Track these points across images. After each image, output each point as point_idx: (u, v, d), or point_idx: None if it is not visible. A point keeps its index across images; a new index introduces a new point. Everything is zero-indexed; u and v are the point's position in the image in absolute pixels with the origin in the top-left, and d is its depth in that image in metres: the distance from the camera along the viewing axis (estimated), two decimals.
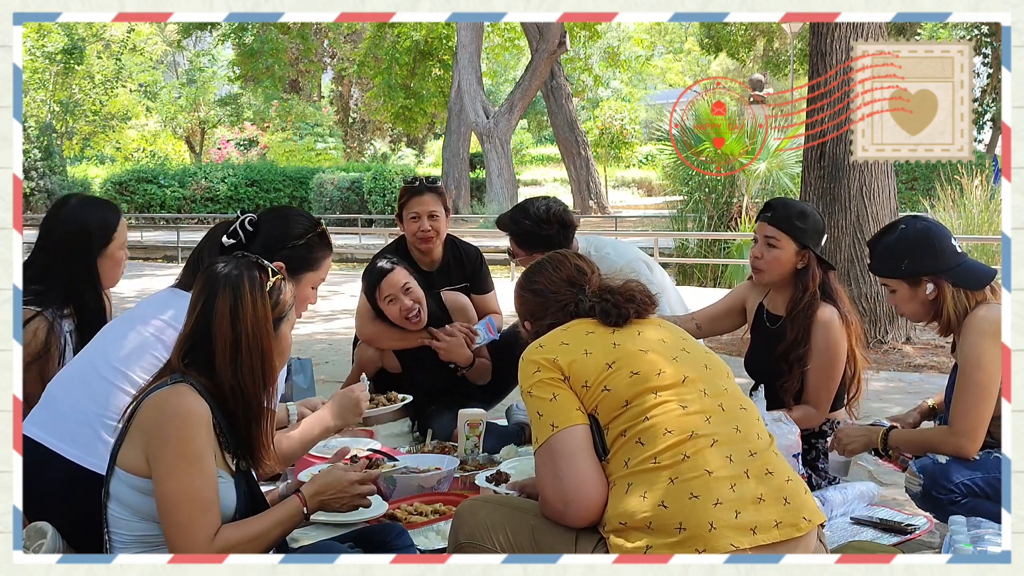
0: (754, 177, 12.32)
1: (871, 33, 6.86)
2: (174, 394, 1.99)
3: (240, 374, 2.03)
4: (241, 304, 2.03)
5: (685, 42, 41.43)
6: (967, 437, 2.72)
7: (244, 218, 2.69)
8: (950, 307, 2.80)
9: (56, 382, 2.53)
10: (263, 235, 2.69)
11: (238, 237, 2.66)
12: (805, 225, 3.26)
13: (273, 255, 2.62)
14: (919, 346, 7.03)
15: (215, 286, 2.05)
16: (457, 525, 2.21)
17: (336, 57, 36.81)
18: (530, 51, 23.12)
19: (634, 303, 2.20)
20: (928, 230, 2.85)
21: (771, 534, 1.93)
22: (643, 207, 28.39)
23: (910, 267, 2.83)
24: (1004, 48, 2.29)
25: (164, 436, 1.94)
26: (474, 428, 3.52)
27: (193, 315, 2.06)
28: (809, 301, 3.23)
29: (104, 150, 36.38)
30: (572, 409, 2.07)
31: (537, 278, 2.37)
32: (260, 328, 2.05)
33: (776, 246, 3.27)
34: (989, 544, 2.33)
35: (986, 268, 2.85)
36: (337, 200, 26.32)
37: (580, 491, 2.02)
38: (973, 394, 2.71)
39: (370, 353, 4.09)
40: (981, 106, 25.07)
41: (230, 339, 2.02)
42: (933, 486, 2.72)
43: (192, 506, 1.92)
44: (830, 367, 3.20)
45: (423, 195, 4.24)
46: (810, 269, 3.26)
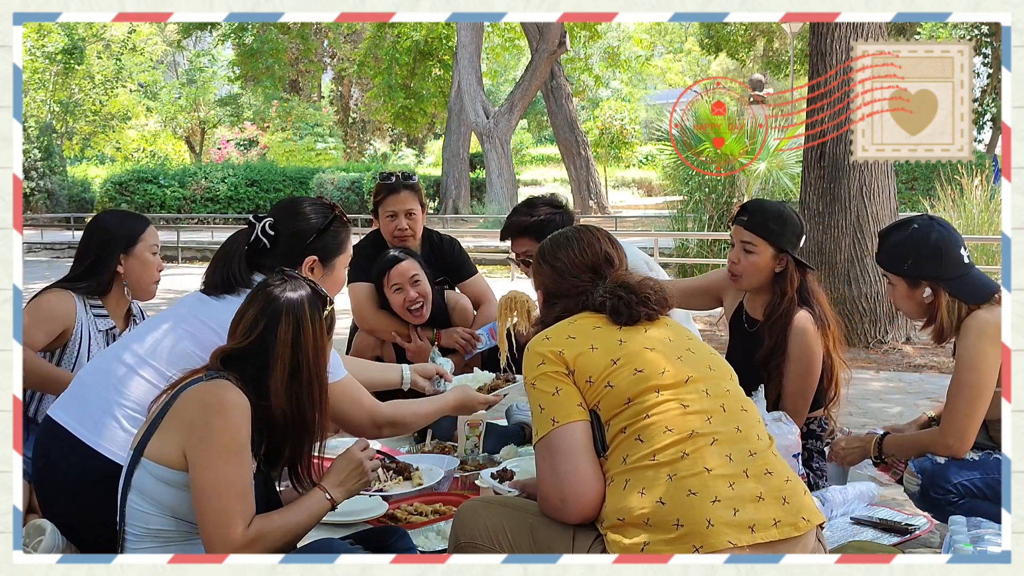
0: (754, 177, 12.30)
1: (871, 33, 6.86)
2: (216, 387, 2.04)
3: (299, 400, 2.10)
4: (303, 333, 2.10)
5: (685, 42, 41.41)
6: (955, 438, 2.73)
7: (263, 224, 2.63)
8: (944, 315, 2.80)
9: (85, 370, 2.55)
10: (287, 236, 2.64)
11: (262, 244, 2.62)
12: (782, 229, 3.21)
13: (304, 252, 2.63)
14: (919, 346, 7.03)
15: (277, 311, 2.11)
16: (457, 526, 2.22)
17: (336, 57, 36.80)
18: (530, 51, 23.13)
19: (647, 306, 2.17)
20: (938, 238, 2.82)
21: (769, 532, 1.93)
22: (643, 207, 28.40)
23: (911, 268, 2.83)
24: (1004, 48, 2.30)
25: (208, 428, 1.99)
26: (474, 428, 3.53)
27: (249, 336, 2.11)
28: (787, 306, 3.19)
29: (104, 150, 36.36)
30: (574, 405, 2.07)
31: (560, 254, 2.30)
32: (320, 357, 2.13)
33: (752, 251, 3.22)
34: (989, 544, 2.33)
35: (989, 283, 2.83)
36: (337, 200, 26.32)
37: (576, 489, 2.02)
38: (965, 396, 2.71)
39: (370, 342, 4.08)
40: (981, 106, 25.06)
41: (289, 367, 2.09)
42: (931, 486, 2.72)
43: (231, 496, 1.97)
44: (806, 374, 3.16)
45: (400, 192, 4.16)
46: (788, 273, 3.21)
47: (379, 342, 4.09)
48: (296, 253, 2.63)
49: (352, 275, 4.09)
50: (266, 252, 2.61)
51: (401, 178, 4.21)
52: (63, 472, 2.37)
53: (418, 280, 3.91)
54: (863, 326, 7.13)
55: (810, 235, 7.40)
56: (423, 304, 3.91)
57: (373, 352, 4.10)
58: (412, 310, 3.91)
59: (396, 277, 3.89)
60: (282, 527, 2.06)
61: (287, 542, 2.08)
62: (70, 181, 29.77)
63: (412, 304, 3.89)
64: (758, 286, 3.27)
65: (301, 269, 2.62)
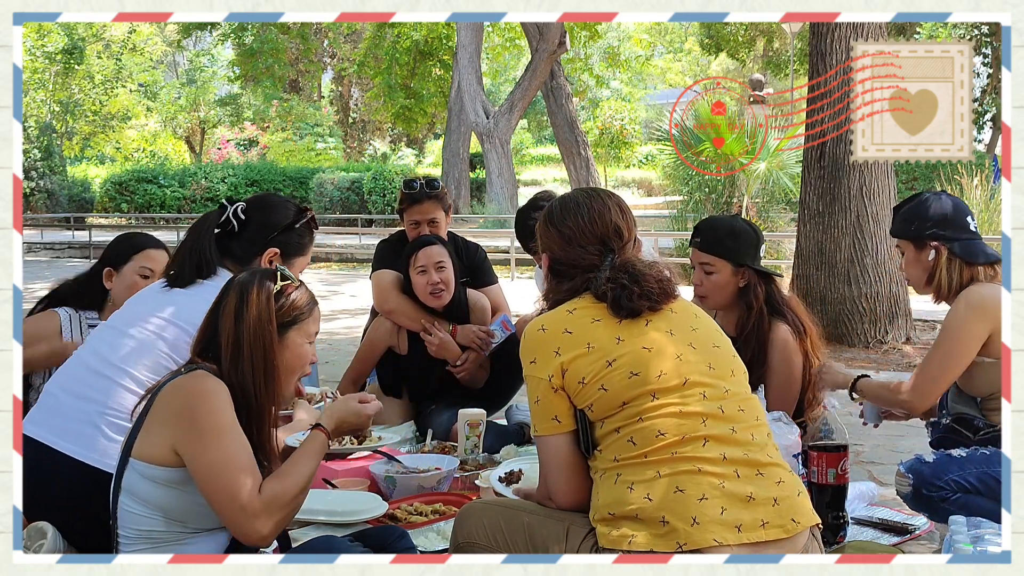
0: (754, 177, 12.31)
1: (871, 33, 6.87)
2: (193, 378, 2.05)
3: (241, 372, 2.08)
4: (246, 305, 2.10)
5: (685, 42, 41.40)
6: (917, 394, 2.82)
7: (236, 207, 2.70)
8: (943, 272, 2.86)
9: (54, 382, 2.53)
10: (257, 223, 2.70)
11: (231, 226, 2.67)
12: (735, 244, 3.19)
13: (269, 241, 2.66)
14: (919, 346, 7.03)
15: (228, 288, 2.14)
16: (457, 527, 2.24)
17: (336, 57, 36.78)
18: (530, 51, 23.10)
19: (649, 300, 2.11)
20: (945, 202, 2.92)
21: (756, 533, 1.92)
22: (643, 207, 28.33)
23: (918, 228, 2.90)
24: (1004, 48, 2.30)
25: (192, 415, 1.99)
26: (474, 428, 3.53)
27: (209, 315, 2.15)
28: (757, 318, 3.19)
29: (104, 150, 36.35)
30: (556, 415, 2.10)
31: (569, 220, 2.21)
32: (262, 328, 2.10)
33: (712, 271, 3.21)
34: (989, 544, 2.33)
35: (991, 251, 2.90)
36: (337, 200, 26.31)
37: (557, 496, 2.14)
38: (937, 358, 2.79)
39: (387, 325, 4.08)
40: (981, 106, 25.04)
41: (232, 338, 2.08)
42: (923, 484, 2.74)
43: (232, 471, 1.97)
44: (787, 386, 3.17)
45: (422, 203, 4.19)
46: (752, 286, 3.20)
47: (394, 330, 4.07)
48: (261, 240, 2.67)
49: (377, 264, 4.20)
50: (233, 235, 2.65)
51: (425, 186, 4.20)
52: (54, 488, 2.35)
53: (443, 266, 3.93)
54: (863, 326, 7.13)
55: (810, 235, 7.40)
56: (445, 290, 3.93)
57: (387, 341, 4.08)
58: (433, 292, 3.92)
59: (423, 259, 3.92)
60: (293, 478, 2.07)
61: (302, 490, 2.09)
62: (70, 181, 29.76)
63: (434, 287, 3.90)
64: (725, 304, 3.26)
65: (261, 260, 2.66)
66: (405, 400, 4.15)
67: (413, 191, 4.22)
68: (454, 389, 4.07)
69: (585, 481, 2.10)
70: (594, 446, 2.08)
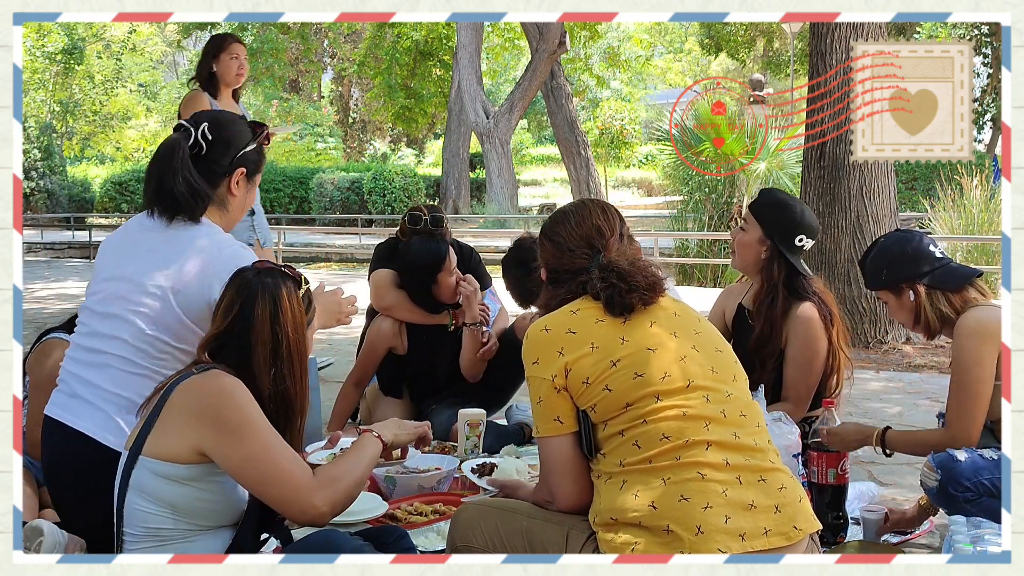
0: (754, 177, 12.31)
1: (871, 33, 6.86)
2: (209, 377, 2.05)
3: (280, 376, 2.11)
4: (280, 310, 2.12)
5: (685, 42, 41.39)
6: (963, 439, 2.74)
7: (202, 127, 2.58)
8: (926, 308, 2.84)
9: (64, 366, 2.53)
10: (221, 142, 2.61)
11: (200, 147, 2.57)
12: (776, 216, 3.30)
13: (235, 162, 2.61)
14: (919, 346, 7.03)
15: (252, 293, 2.13)
16: (453, 530, 2.24)
17: (336, 57, 36.77)
18: (530, 51, 23.10)
19: (637, 292, 2.14)
20: (901, 238, 2.92)
21: (759, 542, 1.93)
22: (643, 207, 28.35)
23: (889, 276, 2.90)
24: (1004, 48, 2.30)
25: (218, 414, 2.00)
26: (474, 428, 3.53)
27: (227, 319, 2.13)
28: (773, 294, 3.25)
29: (104, 150, 36.34)
30: (559, 416, 2.10)
31: (559, 228, 2.32)
32: (299, 332, 2.15)
33: (745, 229, 3.35)
34: (989, 544, 2.33)
35: (965, 269, 2.90)
36: (337, 200, 26.30)
37: (560, 499, 2.14)
38: (962, 397, 2.74)
39: (386, 326, 4.07)
40: (981, 106, 25.03)
41: (270, 344, 2.10)
42: (950, 482, 2.69)
43: (276, 457, 2.00)
44: (809, 363, 3.21)
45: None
46: (773, 261, 3.29)
47: (394, 331, 4.07)
48: (228, 162, 2.60)
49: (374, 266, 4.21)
50: (199, 158, 2.57)
51: (429, 222, 4.09)
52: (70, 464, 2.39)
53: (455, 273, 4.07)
54: (863, 326, 7.13)
55: None
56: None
57: (387, 342, 4.09)
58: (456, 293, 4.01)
59: (451, 262, 4.00)
60: (346, 468, 2.11)
61: (358, 484, 2.11)
62: (70, 181, 29.74)
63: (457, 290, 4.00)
64: (746, 266, 3.37)
65: (230, 181, 2.61)
66: (405, 400, 4.15)
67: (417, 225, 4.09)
68: (456, 387, 4.07)
69: (588, 483, 2.10)
70: (597, 449, 2.08)
